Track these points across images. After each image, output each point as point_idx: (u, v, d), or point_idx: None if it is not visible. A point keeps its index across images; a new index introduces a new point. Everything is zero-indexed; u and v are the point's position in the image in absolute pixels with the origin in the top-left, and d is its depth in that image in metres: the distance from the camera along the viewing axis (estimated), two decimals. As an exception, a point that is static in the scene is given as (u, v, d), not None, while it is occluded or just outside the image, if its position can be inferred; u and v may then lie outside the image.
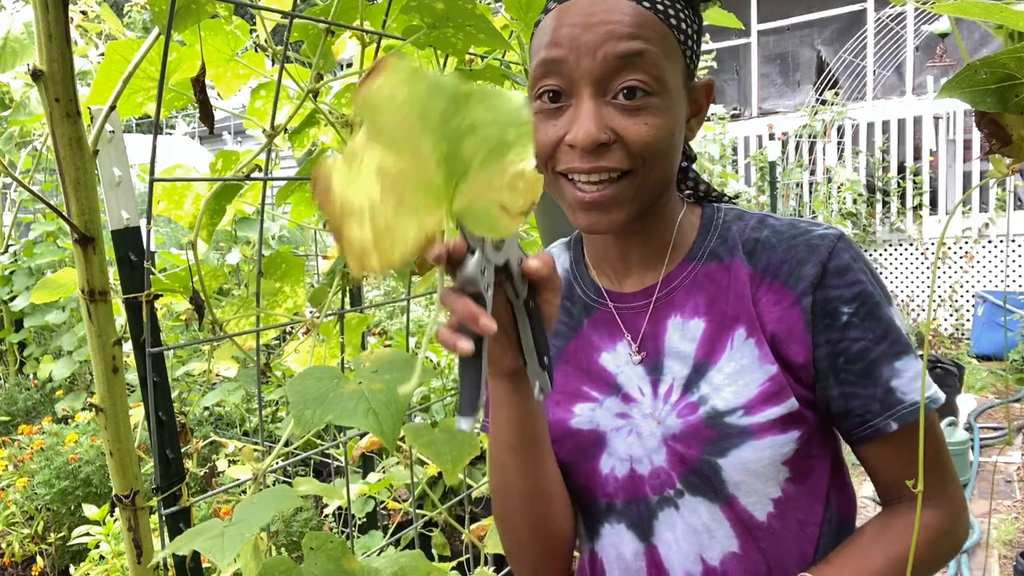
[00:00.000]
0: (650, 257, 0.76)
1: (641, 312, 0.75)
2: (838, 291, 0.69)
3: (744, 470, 0.68)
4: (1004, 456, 3.94)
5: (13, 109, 2.15)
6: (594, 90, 0.65)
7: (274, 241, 3.83)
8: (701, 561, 0.71)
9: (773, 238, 0.72)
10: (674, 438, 0.70)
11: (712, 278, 0.73)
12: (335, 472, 2.86)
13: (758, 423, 0.68)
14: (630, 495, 0.73)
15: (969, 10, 0.41)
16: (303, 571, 0.90)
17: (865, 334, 0.68)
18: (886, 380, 0.68)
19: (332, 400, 0.81)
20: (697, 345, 0.71)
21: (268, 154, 1.05)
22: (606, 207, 0.67)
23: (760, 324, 0.70)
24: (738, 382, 0.69)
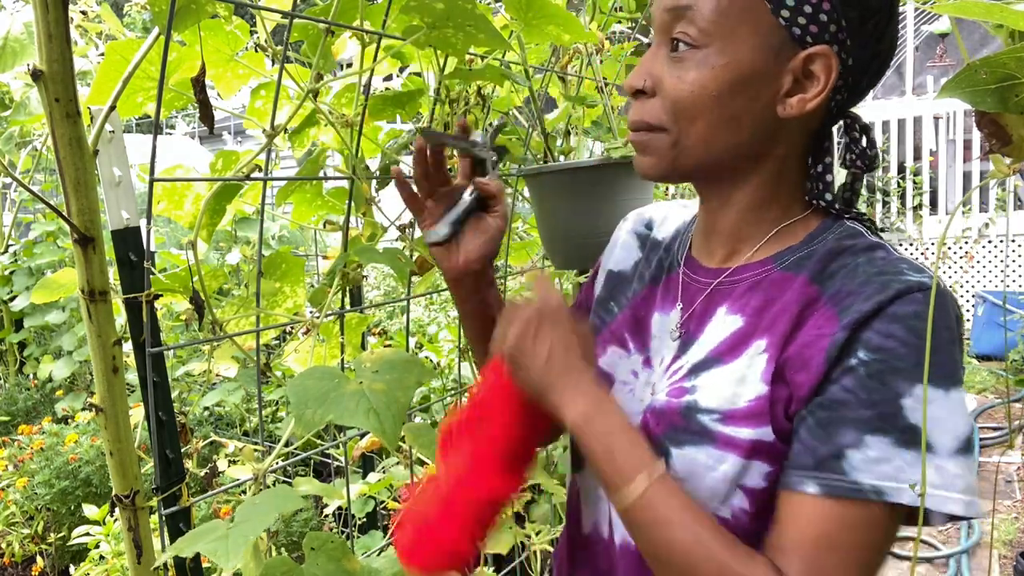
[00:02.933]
0: (738, 241, 0.73)
1: (703, 289, 0.74)
2: (871, 334, 0.59)
3: (690, 471, 0.65)
4: (1004, 456, 3.94)
5: (13, 109, 2.15)
6: (663, 39, 0.68)
7: (274, 241, 3.83)
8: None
9: (862, 267, 0.64)
10: (652, 411, 0.71)
11: (778, 285, 0.68)
12: (335, 472, 2.86)
13: (725, 434, 0.64)
14: None
15: (969, 10, 0.41)
16: (304, 571, 0.90)
17: (857, 390, 0.59)
18: (842, 445, 0.58)
19: (333, 400, 0.81)
20: (722, 340, 0.69)
21: (268, 154, 1.05)
22: (640, 149, 0.71)
23: (787, 348, 0.64)
24: (732, 388, 0.65)
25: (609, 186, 1.27)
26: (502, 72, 1.23)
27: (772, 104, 0.65)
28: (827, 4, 0.63)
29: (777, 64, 0.64)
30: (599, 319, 0.85)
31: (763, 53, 0.64)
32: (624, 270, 0.86)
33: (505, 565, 1.67)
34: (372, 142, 1.32)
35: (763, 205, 0.71)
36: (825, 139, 0.71)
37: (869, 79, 0.69)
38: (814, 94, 0.65)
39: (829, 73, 0.64)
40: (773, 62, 0.64)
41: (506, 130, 1.61)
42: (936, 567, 2.94)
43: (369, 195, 1.23)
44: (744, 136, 0.67)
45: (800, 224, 0.71)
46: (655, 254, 0.83)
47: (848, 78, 0.66)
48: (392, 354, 0.92)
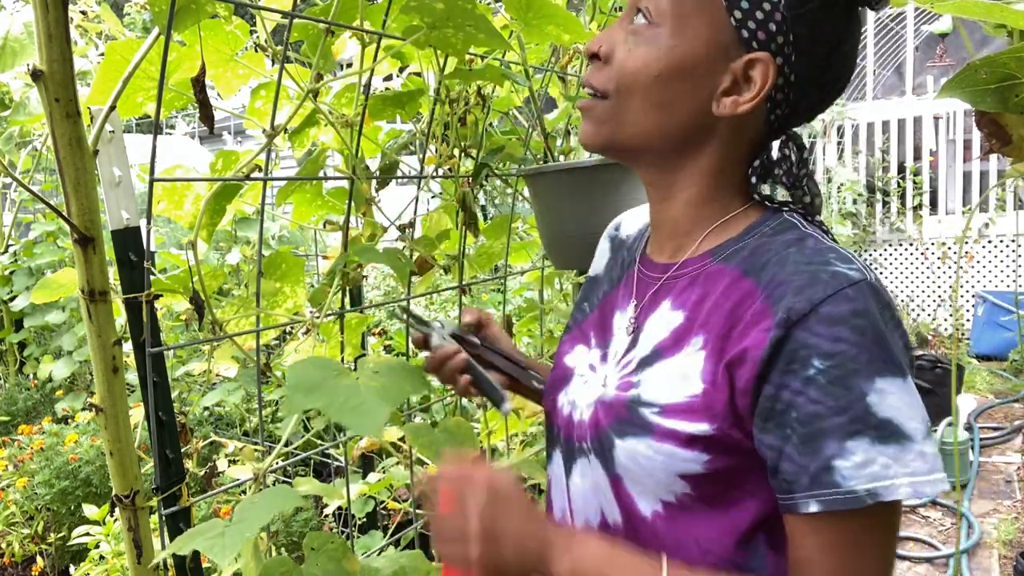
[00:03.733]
0: (681, 235, 0.74)
1: (652, 283, 0.76)
2: (817, 340, 0.59)
3: (632, 460, 0.68)
4: (1004, 456, 3.94)
5: (13, 109, 2.15)
6: (629, 8, 0.69)
7: (274, 241, 3.83)
8: (600, 514, 0.73)
9: (792, 256, 0.64)
10: (601, 403, 0.73)
11: (713, 278, 0.69)
12: (335, 472, 2.86)
13: (664, 427, 0.66)
14: (567, 434, 0.78)
15: (969, 10, 0.41)
16: (304, 571, 0.91)
17: (825, 399, 0.59)
18: (828, 457, 0.59)
19: (327, 388, 0.82)
20: (665, 336, 0.71)
21: (268, 154, 1.05)
22: (584, 115, 0.72)
23: (724, 342, 0.64)
24: (672, 383, 0.67)
25: (609, 186, 1.27)
26: (502, 72, 1.23)
27: (708, 99, 0.67)
28: (778, 15, 0.64)
29: (721, 61, 0.66)
30: (573, 321, 0.88)
31: (710, 47, 0.66)
32: (598, 273, 0.89)
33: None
34: (372, 142, 1.32)
35: (702, 201, 0.73)
36: (762, 150, 0.73)
37: (809, 103, 0.70)
38: (748, 98, 0.66)
39: (765, 81, 0.65)
40: (717, 58, 0.66)
41: (506, 130, 1.61)
42: (936, 567, 2.94)
43: (369, 195, 1.23)
44: (675, 123, 0.68)
45: (741, 217, 0.72)
46: (620, 254, 0.87)
47: (788, 93, 0.68)
48: (397, 362, 0.93)
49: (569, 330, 0.87)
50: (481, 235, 1.46)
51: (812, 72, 0.67)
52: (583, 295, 0.90)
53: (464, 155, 1.41)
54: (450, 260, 1.44)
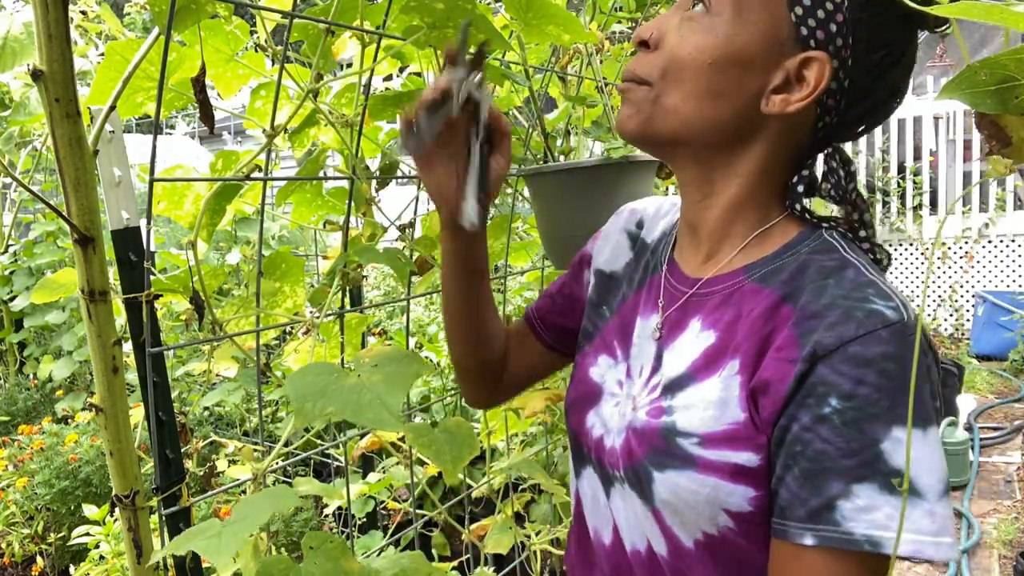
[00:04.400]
0: (715, 246, 0.71)
1: (678, 297, 0.73)
2: (839, 379, 0.57)
3: (674, 494, 0.64)
4: (1004, 456, 3.94)
5: (13, 109, 2.15)
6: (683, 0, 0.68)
7: (274, 241, 3.83)
8: (647, 541, 0.70)
9: (830, 288, 0.61)
10: (633, 431, 0.69)
11: (748, 299, 0.66)
12: (335, 472, 2.86)
13: (706, 459, 0.62)
14: (598, 457, 0.75)
15: (968, 11, 0.40)
16: (302, 571, 0.90)
17: (835, 439, 0.57)
18: (832, 496, 0.57)
19: (333, 392, 0.82)
20: (696, 358, 0.67)
21: (268, 154, 1.05)
22: (623, 99, 0.69)
23: (753, 365, 0.63)
24: (709, 411, 0.63)
25: (609, 186, 1.27)
26: (502, 72, 1.23)
27: (758, 95, 0.65)
28: (840, 16, 0.62)
29: (776, 57, 0.64)
30: (592, 324, 0.84)
31: (767, 41, 0.63)
32: (615, 271, 0.84)
33: (505, 565, 1.68)
34: (372, 142, 1.32)
35: (742, 204, 0.69)
36: (808, 157, 0.69)
37: (859, 113, 0.67)
38: (799, 97, 0.64)
39: (820, 81, 0.63)
40: (773, 53, 0.64)
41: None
42: (936, 567, 2.94)
43: (369, 195, 1.23)
44: (721, 115, 0.65)
45: (778, 230, 0.69)
46: (643, 256, 0.82)
47: (840, 100, 0.65)
48: (390, 350, 0.93)
49: (590, 336, 0.82)
50: (481, 235, 1.45)
51: (867, 79, 0.64)
52: (598, 295, 0.85)
53: (464, 155, 1.40)
54: (450, 260, 1.44)
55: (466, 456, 1.11)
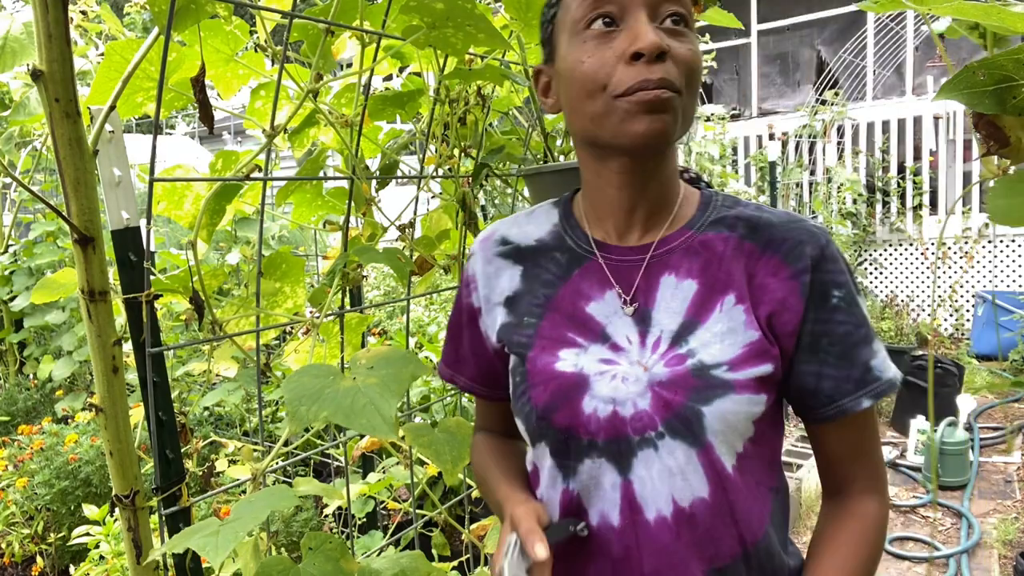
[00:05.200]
0: (655, 215, 0.81)
1: (635, 266, 0.80)
2: (830, 275, 0.76)
3: (723, 420, 0.73)
4: (1004, 456, 3.94)
5: (13, 109, 2.15)
6: (648, 13, 0.72)
7: (274, 241, 3.83)
8: (672, 502, 0.75)
9: (774, 219, 0.79)
10: (660, 384, 0.75)
11: (708, 247, 0.79)
12: (335, 472, 2.86)
13: (740, 379, 0.73)
14: (611, 434, 0.76)
15: (966, 11, 0.40)
16: (301, 571, 0.91)
17: (849, 319, 0.76)
18: (864, 361, 0.76)
19: (328, 396, 0.82)
20: (688, 304, 0.77)
21: (268, 154, 1.05)
22: (665, 108, 0.71)
23: (752, 295, 0.76)
24: (724, 341, 0.74)
25: (609, 186, 1.27)
26: (502, 72, 1.23)
27: None
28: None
29: None
30: (521, 336, 0.83)
31: None
32: (517, 289, 0.86)
33: (505, 565, 1.67)
34: (372, 142, 1.32)
35: (672, 178, 0.81)
36: None
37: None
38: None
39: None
40: None
41: (506, 130, 1.61)
42: (936, 567, 2.94)
43: (369, 195, 1.23)
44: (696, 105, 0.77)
45: (687, 193, 0.83)
46: (542, 257, 0.85)
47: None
48: (388, 351, 0.93)
49: (527, 346, 0.82)
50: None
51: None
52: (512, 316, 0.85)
53: (464, 155, 1.41)
54: (450, 260, 1.44)
55: (466, 456, 1.11)
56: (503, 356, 0.87)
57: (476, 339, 0.89)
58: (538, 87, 0.84)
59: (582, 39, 0.74)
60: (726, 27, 1.76)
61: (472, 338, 0.90)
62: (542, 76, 0.83)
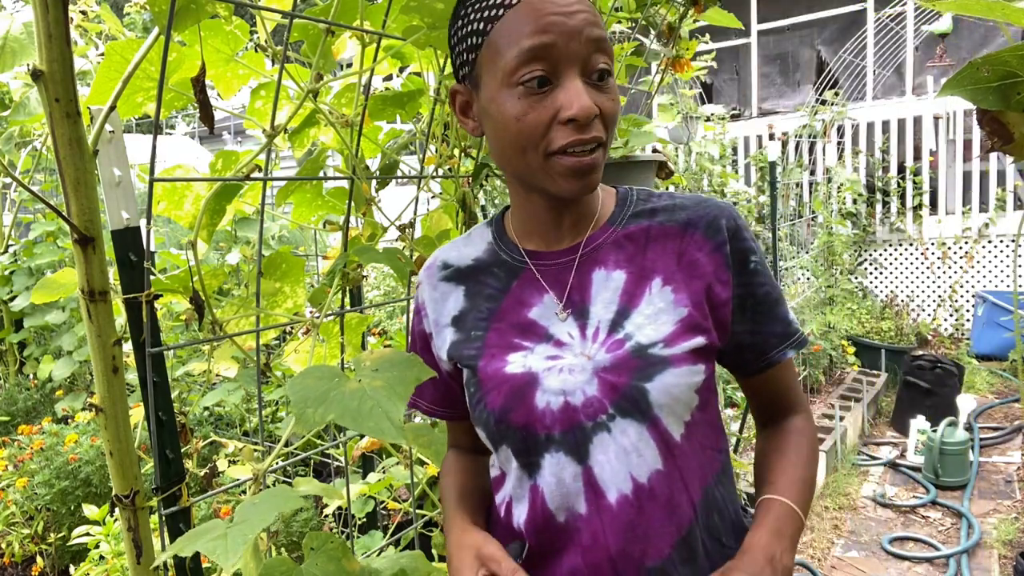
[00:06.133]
0: (579, 222, 0.86)
1: (567, 267, 0.85)
2: (745, 243, 0.84)
3: (667, 393, 0.79)
4: (1004, 456, 3.95)
5: (13, 109, 2.15)
6: (579, 69, 0.75)
7: (274, 241, 3.83)
8: (631, 479, 0.79)
9: (687, 202, 0.87)
10: (604, 370, 0.80)
11: (632, 238, 0.85)
12: (335, 472, 2.86)
13: (675, 354, 0.79)
14: (566, 425, 0.80)
15: (971, 7, 0.40)
16: (303, 571, 0.90)
17: (766, 280, 0.86)
18: (783, 316, 0.87)
19: (334, 398, 0.81)
20: (620, 293, 0.83)
21: (268, 154, 1.05)
22: (594, 169, 0.77)
23: (684, 272, 0.83)
24: (656, 321, 0.80)
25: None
26: (502, 72, 1.23)
27: None
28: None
29: None
30: (471, 349, 0.87)
31: None
32: (462, 308, 0.90)
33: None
34: (372, 142, 1.32)
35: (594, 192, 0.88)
36: None
37: None
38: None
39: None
40: None
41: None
42: (936, 567, 2.94)
43: (369, 195, 1.23)
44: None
45: (605, 194, 0.90)
46: (481, 274, 0.90)
47: None
48: (391, 353, 0.92)
49: (476, 356, 0.86)
50: (481, 235, 1.45)
51: None
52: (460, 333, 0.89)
53: (464, 155, 1.41)
54: (450, 260, 1.44)
55: (466, 456, 1.10)
56: (457, 375, 0.90)
57: (431, 363, 0.92)
58: (455, 105, 0.86)
59: (515, 93, 0.75)
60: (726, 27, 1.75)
61: (427, 363, 0.92)
62: (460, 96, 0.85)
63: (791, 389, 0.92)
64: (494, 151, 0.83)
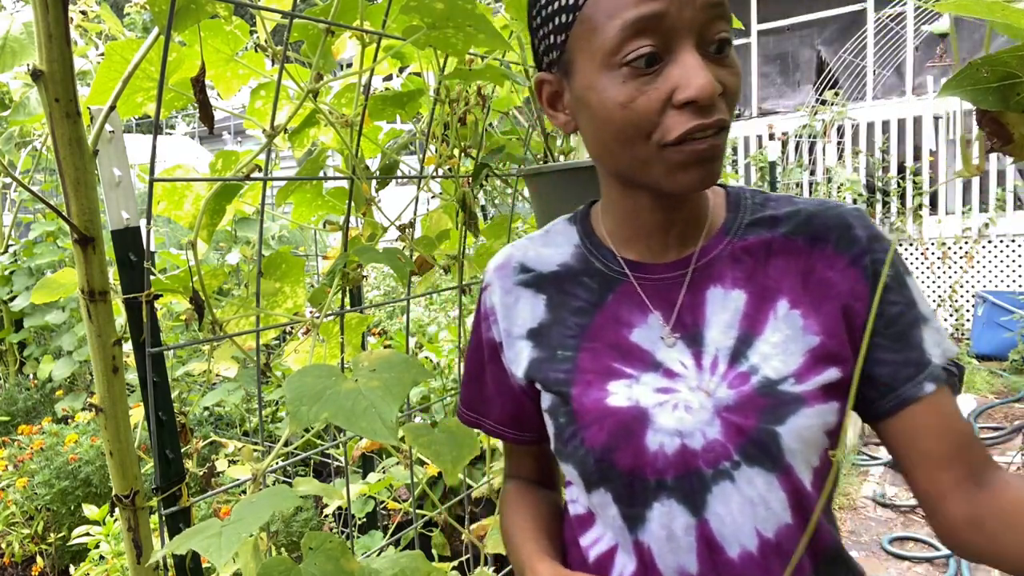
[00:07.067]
0: (690, 227, 0.74)
1: (676, 283, 0.73)
2: (880, 255, 0.70)
3: (799, 438, 0.67)
4: (1004, 456, 3.94)
5: (13, 109, 2.15)
6: (696, 40, 0.62)
7: (274, 241, 3.83)
8: (757, 534, 0.68)
9: (811, 208, 0.74)
10: (728, 409, 0.68)
11: (750, 252, 0.73)
12: (335, 472, 2.86)
13: (808, 391, 0.67)
14: (681, 470, 0.69)
15: (970, 8, 0.40)
16: (302, 571, 0.90)
17: (900, 298, 0.70)
18: (918, 343, 0.69)
19: (329, 397, 0.81)
20: (740, 317, 0.71)
21: (268, 154, 1.05)
22: (716, 157, 0.65)
23: (812, 293, 0.70)
24: (784, 352, 0.68)
25: (609, 186, 1.27)
26: (502, 72, 1.23)
27: None
28: None
29: None
30: (561, 373, 0.75)
31: None
32: (543, 320, 0.78)
33: (505, 565, 1.67)
34: (372, 142, 1.32)
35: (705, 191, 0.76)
36: None
37: None
38: None
39: None
40: None
41: (506, 130, 1.61)
42: (936, 567, 2.94)
43: (369, 195, 1.23)
44: None
45: (714, 196, 0.77)
46: (567, 283, 0.78)
47: None
48: (390, 354, 0.92)
49: (568, 383, 0.74)
50: (481, 235, 1.46)
51: None
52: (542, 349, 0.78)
53: (464, 155, 1.41)
54: (450, 260, 1.44)
55: (466, 456, 1.11)
56: (532, 394, 0.79)
57: (500, 376, 0.81)
58: (542, 97, 0.74)
59: (618, 75, 0.63)
60: (726, 27, 1.75)
61: (496, 376, 0.82)
62: (547, 86, 0.73)
63: (959, 438, 0.68)
64: (592, 146, 0.71)
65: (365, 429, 0.79)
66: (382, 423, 0.79)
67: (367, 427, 0.79)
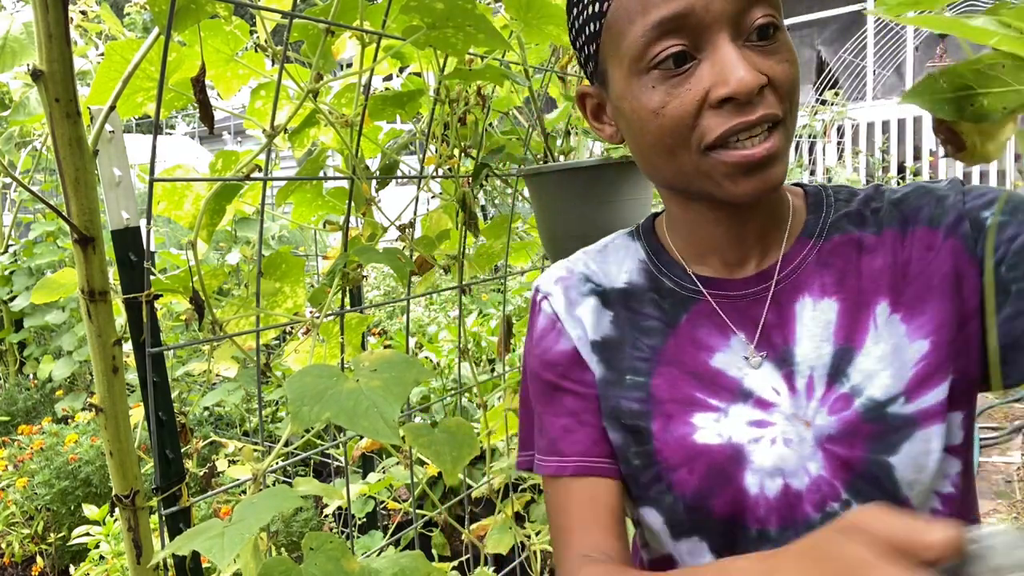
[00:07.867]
0: (765, 236, 0.67)
1: (759, 299, 0.66)
2: (976, 201, 0.61)
3: (915, 467, 0.58)
4: (1004, 456, 3.95)
5: (13, 109, 2.15)
6: (731, 32, 0.56)
7: (274, 241, 3.83)
8: None
9: (900, 195, 0.65)
10: (831, 440, 0.60)
11: (839, 253, 0.65)
12: (335, 472, 2.86)
13: (922, 410, 0.59)
14: (786, 518, 0.61)
15: (931, 23, 0.42)
16: (303, 571, 0.90)
17: (1021, 227, 0.57)
18: None
19: (331, 397, 0.81)
20: (835, 328, 0.62)
21: (268, 154, 1.05)
22: (773, 162, 0.58)
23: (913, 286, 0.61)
24: (892, 365, 0.60)
25: (609, 186, 1.27)
26: (502, 72, 1.23)
27: None
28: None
29: None
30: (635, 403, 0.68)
31: None
32: (608, 335, 0.71)
33: (505, 565, 1.68)
34: (372, 142, 1.32)
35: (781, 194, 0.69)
36: None
37: None
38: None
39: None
40: None
41: (506, 130, 1.61)
42: (936, 567, 2.94)
43: (369, 195, 1.23)
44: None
45: (791, 195, 0.70)
46: (635, 301, 0.71)
47: None
48: (391, 354, 0.93)
49: (643, 415, 0.66)
50: (481, 235, 1.46)
51: None
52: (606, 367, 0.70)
53: (464, 155, 1.41)
54: (450, 260, 1.44)
55: (466, 456, 1.11)
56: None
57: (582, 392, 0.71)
58: (585, 110, 0.70)
59: (648, 80, 0.58)
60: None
61: (576, 393, 0.71)
62: (590, 98, 0.69)
63: None
64: (638, 159, 0.66)
65: (367, 429, 0.79)
66: (384, 423, 0.79)
67: (369, 427, 0.79)
